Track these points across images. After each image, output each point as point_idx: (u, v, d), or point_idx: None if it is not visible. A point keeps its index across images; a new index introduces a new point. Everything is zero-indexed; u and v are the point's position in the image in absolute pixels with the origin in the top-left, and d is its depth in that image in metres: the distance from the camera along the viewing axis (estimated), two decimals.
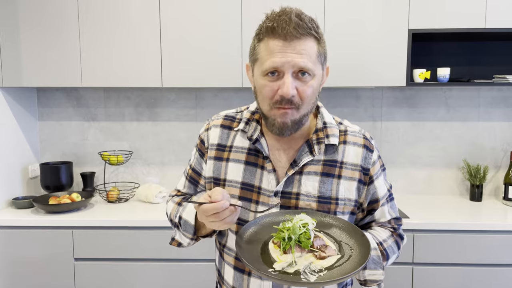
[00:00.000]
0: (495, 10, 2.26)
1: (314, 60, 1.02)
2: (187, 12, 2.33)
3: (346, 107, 2.70)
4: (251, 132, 1.14)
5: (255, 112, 1.18)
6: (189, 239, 1.16)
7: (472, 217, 2.31)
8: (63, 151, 2.80)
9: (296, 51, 0.99)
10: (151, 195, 2.52)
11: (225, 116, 1.22)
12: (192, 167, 1.25)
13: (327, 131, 1.13)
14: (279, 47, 0.99)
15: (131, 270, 2.25)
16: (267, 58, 1.01)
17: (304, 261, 0.95)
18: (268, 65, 1.01)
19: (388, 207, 1.20)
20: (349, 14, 2.30)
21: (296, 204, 1.09)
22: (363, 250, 0.98)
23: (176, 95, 2.75)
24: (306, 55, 1.00)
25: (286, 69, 1.00)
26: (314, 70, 1.03)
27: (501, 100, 2.66)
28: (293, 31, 0.98)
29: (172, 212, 1.22)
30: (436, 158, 2.73)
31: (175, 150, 2.79)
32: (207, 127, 1.22)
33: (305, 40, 1.00)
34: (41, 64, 2.37)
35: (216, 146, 1.18)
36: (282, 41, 0.99)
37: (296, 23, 0.98)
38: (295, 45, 0.99)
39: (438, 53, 2.60)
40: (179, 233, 1.18)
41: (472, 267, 2.18)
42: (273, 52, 1.00)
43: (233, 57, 2.34)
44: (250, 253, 0.98)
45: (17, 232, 2.23)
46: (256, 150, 1.14)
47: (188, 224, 1.14)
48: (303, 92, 1.02)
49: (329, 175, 1.10)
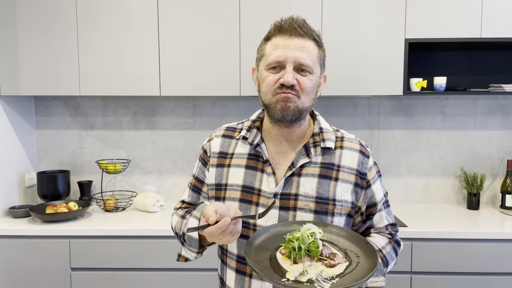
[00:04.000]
0: (490, 19, 2.29)
1: (314, 59, 1.11)
2: (185, 22, 2.34)
3: (343, 116, 2.71)
4: (252, 137, 1.20)
5: (255, 120, 1.24)
6: (195, 253, 1.21)
7: (469, 225, 2.31)
8: (60, 160, 2.79)
9: (298, 48, 1.09)
10: (149, 204, 2.51)
11: (227, 127, 1.29)
12: (195, 176, 1.30)
13: (323, 136, 1.19)
14: (283, 42, 1.10)
15: (129, 280, 2.23)
16: (271, 52, 1.11)
17: (314, 270, 0.97)
18: (272, 59, 1.10)
19: (385, 213, 1.24)
20: (346, 23, 2.32)
21: (294, 204, 1.13)
22: (370, 256, 1.00)
23: (174, 104, 2.75)
24: (307, 52, 1.10)
25: (288, 62, 1.09)
26: (314, 68, 1.12)
27: (498, 109, 2.68)
28: (298, 28, 1.09)
29: (177, 226, 1.25)
30: (433, 166, 2.74)
31: (173, 159, 2.79)
32: (210, 138, 1.29)
33: (307, 40, 1.11)
34: (39, 72, 2.37)
35: (218, 154, 1.24)
36: (287, 36, 1.09)
37: (302, 23, 1.11)
38: (297, 42, 1.09)
39: (435, 62, 2.62)
40: (184, 249, 1.22)
41: (469, 275, 2.17)
42: (277, 47, 1.10)
43: (231, 66, 2.35)
44: (260, 264, 0.99)
45: (14, 241, 2.22)
46: (256, 155, 1.19)
47: (192, 239, 1.17)
48: (302, 82, 1.10)
49: (326, 177, 1.15)
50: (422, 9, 2.30)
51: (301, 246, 0.99)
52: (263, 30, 2.49)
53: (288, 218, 1.12)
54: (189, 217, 1.20)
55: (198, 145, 2.76)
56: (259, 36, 2.47)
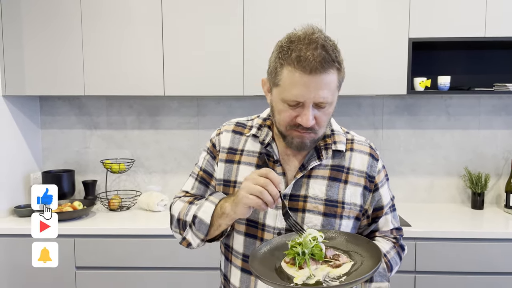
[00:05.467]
0: (495, 18, 2.28)
1: (333, 91, 1.06)
2: (189, 22, 2.35)
3: (347, 115, 2.71)
4: (263, 136, 1.19)
5: (266, 118, 1.22)
6: (200, 240, 1.16)
7: (473, 225, 2.31)
8: (65, 159, 2.80)
9: (318, 86, 1.01)
10: (153, 203, 2.52)
11: (237, 122, 1.27)
12: (203, 169, 1.27)
13: (334, 138, 1.18)
14: (303, 80, 1.01)
15: (133, 278, 2.24)
16: (289, 88, 1.03)
17: (321, 272, 0.98)
18: (290, 98, 1.03)
19: (391, 217, 1.23)
20: (350, 23, 2.32)
21: (303, 206, 1.13)
22: (373, 253, 1.01)
23: (178, 104, 2.76)
24: (327, 89, 1.03)
25: (307, 103, 1.03)
26: (333, 100, 1.08)
27: (502, 108, 2.67)
28: (318, 65, 0.99)
29: (182, 211, 1.20)
30: (437, 166, 2.73)
31: (177, 158, 2.79)
32: (219, 132, 1.27)
33: (328, 73, 1.02)
34: (44, 73, 2.39)
35: (227, 149, 1.22)
36: (307, 75, 1.00)
37: (322, 57, 1.00)
38: (318, 80, 1.01)
39: (439, 61, 2.62)
40: (191, 232, 1.16)
41: (474, 275, 2.17)
42: (296, 85, 1.01)
43: (235, 65, 2.35)
44: (266, 273, 1.00)
45: (19, 240, 2.23)
46: (266, 154, 1.17)
47: (203, 223, 1.13)
48: (320, 120, 1.07)
49: (336, 180, 1.15)
50: (426, 8, 2.30)
51: (305, 251, 0.99)
52: (267, 29, 2.49)
53: (296, 219, 1.11)
54: (205, 201, 1.16)
55: (202, 145, 2.76)
56: (263, 35, 2.47)
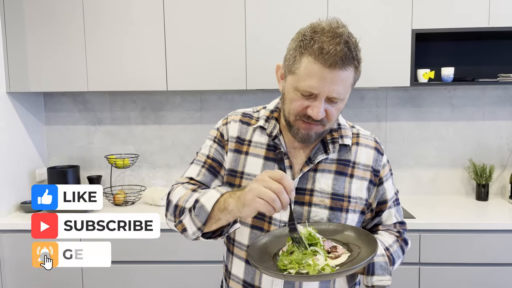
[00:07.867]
0: (498, 8, 2.26)
1: (347, 88, 1.06)
2: (191, 17, 2.34)
3: (350, 108, 2.70)
4: (270, 128, 1.18)
5: (273, 110, 1.22)
6: (196, 228, 1.07)
7: (478, 216, 2.30)
8: (69, 155, 2.82)
9: (335, 81, 1.01)
10: (157, 198, 2.53)
11: (243, 113, 1.26)
12: (211, 157, 1.23)
13: (341, 132, 1.18)
14: (321, 73, 1.00)
15: (138, 272, 2.26)
16: (305, 78, 1.02)
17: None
18: (304, 88, 1.03)
19: (395, 211, 1.24)
20: (352, 15, 2.30)
21: (310, 200, 1.13)
22: (370, 245, 1.02)
23: (181, 98, 2.76)
24: (342, 85, 1.03)
25: (320, 96, 1.03)
26: (345, 97, 1.07)
27: (507, 99, 2.65)
28: (339, 60, 0.99)
29: (183, 197, 1.13)
30: (441, 158, 2.72)
31: (181, 153, 2.80)
32: (225, 122, 1.25)
33: (346, 70, 1.02)
34: (48, 69, 2.40)
35: (236, 139, 1.21)
36: (326, 68, 0.99)
37: (344, 53, 0.99)
38: (335, 75, 1.00)
39: (442, 52, 2.60)
40: (189, 217, 1.08)
41: (478, 266, 2.17)
42: (313, 76, 1.01)
43: (238, 60, 2.35)
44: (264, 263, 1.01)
45: (25, 236, 2.25)
46: (274, 147, 1.17)
47: (203, 209, 1.04)
48: (330, 114, 1.07)
49: (342, 174, 1.15)
50: None
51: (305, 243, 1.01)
52: (269, 23, 2.48)
53: (302, 213, 1.12)
54: (211, 189, 1.09)
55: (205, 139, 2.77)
56: (265, 30, 2.46)
